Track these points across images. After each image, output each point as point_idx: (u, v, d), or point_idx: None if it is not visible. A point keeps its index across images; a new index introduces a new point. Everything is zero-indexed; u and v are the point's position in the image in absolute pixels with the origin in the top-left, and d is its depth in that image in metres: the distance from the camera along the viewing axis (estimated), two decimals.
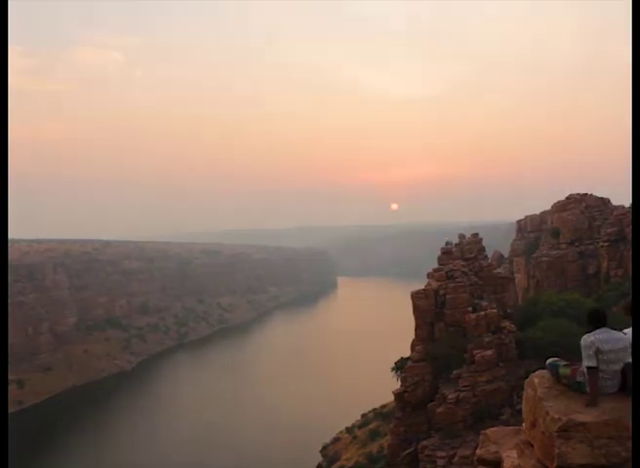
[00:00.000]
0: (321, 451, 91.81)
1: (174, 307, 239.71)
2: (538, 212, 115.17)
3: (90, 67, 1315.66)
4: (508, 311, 61.74)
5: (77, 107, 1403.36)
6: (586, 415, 7.07)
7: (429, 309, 56.57)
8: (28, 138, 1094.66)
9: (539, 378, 8.20)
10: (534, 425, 7.70)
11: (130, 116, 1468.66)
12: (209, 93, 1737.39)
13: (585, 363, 7.67)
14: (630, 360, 7.86)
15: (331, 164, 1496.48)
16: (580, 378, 7.75)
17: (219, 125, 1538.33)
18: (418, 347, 55.40)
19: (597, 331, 7.90)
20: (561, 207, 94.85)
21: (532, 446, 7.81)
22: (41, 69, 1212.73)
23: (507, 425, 12.24)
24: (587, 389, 7.69)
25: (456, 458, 43.71)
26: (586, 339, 7.83)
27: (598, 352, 7.64)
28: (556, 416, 7.13)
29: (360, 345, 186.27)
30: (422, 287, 58.95)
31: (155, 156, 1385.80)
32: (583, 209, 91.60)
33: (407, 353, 59.94)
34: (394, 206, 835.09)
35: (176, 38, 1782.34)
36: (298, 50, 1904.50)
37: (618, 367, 7.66)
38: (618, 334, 7.86)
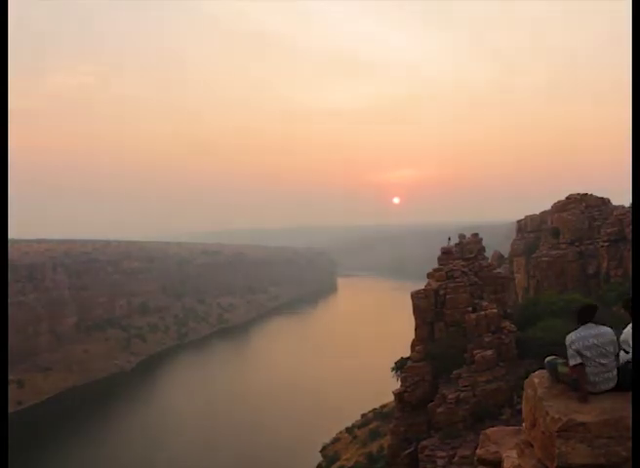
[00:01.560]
0: (321, 451, 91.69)
1: (174, 307, 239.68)
2: (538, 212, 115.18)
3: (62, 90, 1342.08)
4: (508, 311, 61.67)
5: (73, 116, 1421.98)
6: (586, 415, 7.05)
7: (429, 309, 56.56)
8: (27, 145, 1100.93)
9: (538, 378, 8.18)
10: (534, 425, 7.69)
11: (124, 123, 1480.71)
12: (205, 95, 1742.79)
13: (570, 362, 7.72)
14: (622, 354, 7.91)
15: (331, 164, 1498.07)
16: (576, 376, 7.76)
17: (218, 125, 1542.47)
18: (417, 347, 55.39)
19: (581, 327, 7.93)
20: (561, 207, 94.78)
21: (532, 446, 7.79)
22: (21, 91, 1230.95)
23: (507, 425, 12.24)
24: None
25: (456, 458, 43.62)
26: (568, 339, 7.88)
27: (583, 348, 7.65)
28: (556, 416, 7.11)
29: (360, 345, 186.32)
30: (422, 287, 58.96)
31: (155, 156, 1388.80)
32: (583, 209, 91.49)
33: (407, 353, 59.94)
34: (396, 200, 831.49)
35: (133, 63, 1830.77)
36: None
37: (607, 360, 7.64)
38: (602, 329, 7.88)
